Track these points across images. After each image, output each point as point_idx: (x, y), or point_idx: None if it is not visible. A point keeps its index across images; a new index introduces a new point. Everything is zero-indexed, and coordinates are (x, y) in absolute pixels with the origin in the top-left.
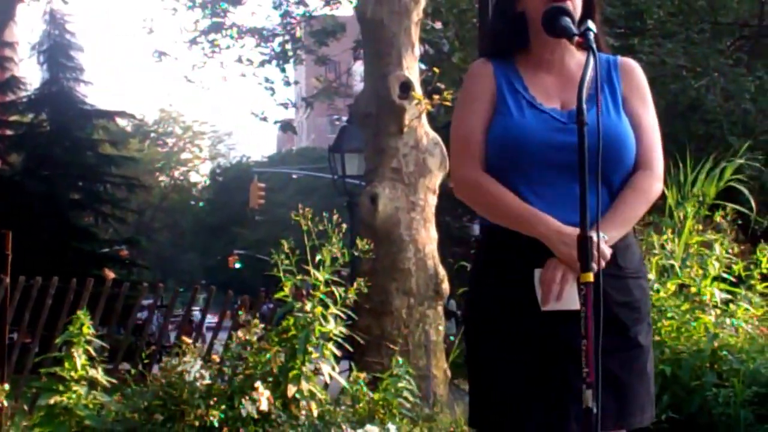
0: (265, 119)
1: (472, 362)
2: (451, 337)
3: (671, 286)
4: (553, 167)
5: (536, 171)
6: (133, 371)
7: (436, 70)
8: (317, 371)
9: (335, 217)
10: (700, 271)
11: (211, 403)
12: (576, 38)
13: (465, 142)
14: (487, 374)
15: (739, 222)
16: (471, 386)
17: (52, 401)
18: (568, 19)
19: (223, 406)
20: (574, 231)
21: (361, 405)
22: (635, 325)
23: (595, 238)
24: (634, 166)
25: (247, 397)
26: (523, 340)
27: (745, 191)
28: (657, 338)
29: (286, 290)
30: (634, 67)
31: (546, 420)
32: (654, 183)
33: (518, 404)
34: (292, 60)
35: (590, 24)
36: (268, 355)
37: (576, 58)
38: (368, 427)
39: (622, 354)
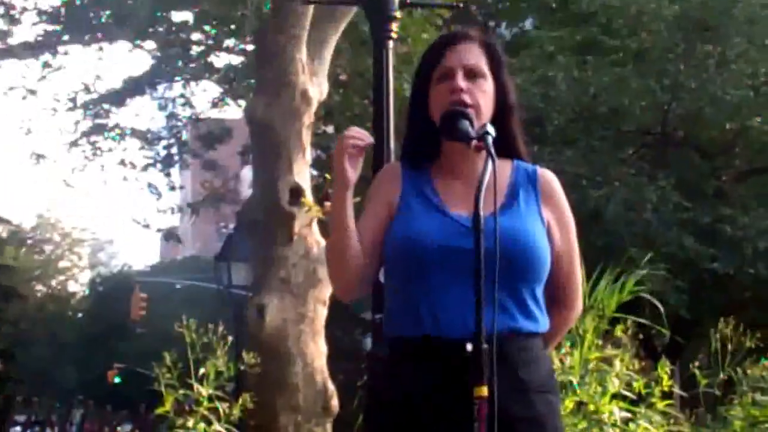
0: (147, 226)
1: None
2: None
3: (569, 403)
4: (454, 272)
5: (436, 275)
6: None
7: (328, 176)
8: None
9: (220, 329)
10: (599, 388)
11: None
12: (474, 142)
13: None
14: None
15: (641, 337)
16: None
17: None
18: (466, 122)
19: None
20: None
21: None
22: None
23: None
24: (555, 299)
25: None
26: None
27: (656, 302)
28: None
29: (168, 406)
30: (555, 187)
31: None
32: (573, 320)
33: None
34: (177, 164)
35: (488, 127)
36: None
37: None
38: None
39: None
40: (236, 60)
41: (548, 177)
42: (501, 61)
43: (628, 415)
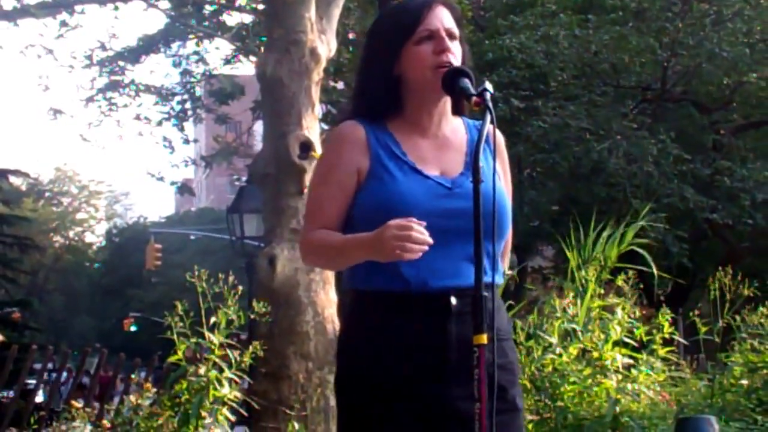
0: (161, 179)
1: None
2: None
3: (573, 350)
4: (436, 232)
5: None
6: None
7: None
8: None
9: (231, 278)
10: (602, 336)
11: None
12: (474, 99)
13: (313, 211)
14: None
15: (641, 286)
16: None
17: None
18: (467, 80)
19: None
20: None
21: None
22: (512, 387)
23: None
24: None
25: None
26: (403, 405)
27: (646, 255)
28: (560, 404)
29: (180, 353)
30: (502, 142)
31: None
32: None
33: None
34: (191, 119)
35: (488, 85)
36: (160, 421)
37: (451, 123)
38: None
39: (503, 416)
40: (248, 18)
41: (501, 141)
42: (462, 23)
43: (630, 361)
